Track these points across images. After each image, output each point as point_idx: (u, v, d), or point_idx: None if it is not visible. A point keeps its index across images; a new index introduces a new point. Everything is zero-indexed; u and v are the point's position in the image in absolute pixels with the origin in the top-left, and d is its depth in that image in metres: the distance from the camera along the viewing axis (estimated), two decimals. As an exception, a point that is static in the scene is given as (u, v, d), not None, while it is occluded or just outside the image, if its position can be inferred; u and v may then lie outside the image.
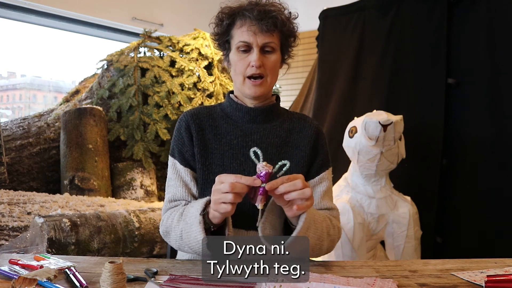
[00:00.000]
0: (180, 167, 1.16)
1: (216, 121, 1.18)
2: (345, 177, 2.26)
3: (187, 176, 1.15)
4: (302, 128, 1.20)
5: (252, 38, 1.10)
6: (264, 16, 1.09)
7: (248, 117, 1.17)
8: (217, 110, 1.21)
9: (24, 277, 0.79)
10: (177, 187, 1.15)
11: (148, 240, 2.13)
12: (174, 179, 1.16)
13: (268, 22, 1.09)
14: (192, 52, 3.16)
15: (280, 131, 1.18)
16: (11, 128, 2.86)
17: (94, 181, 2.70)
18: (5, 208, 2.13)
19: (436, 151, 2.32)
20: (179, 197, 1.14)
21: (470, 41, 2.30)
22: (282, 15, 1.12)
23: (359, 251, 2.01)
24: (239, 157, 1.14)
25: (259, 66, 1.11)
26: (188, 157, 1.16)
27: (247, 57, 1.12)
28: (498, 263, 1.07)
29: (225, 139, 1.15)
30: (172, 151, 1.19)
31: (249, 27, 1.10)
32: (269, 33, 1.10)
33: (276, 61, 1.14)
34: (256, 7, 1.11)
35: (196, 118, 1.17)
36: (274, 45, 1.12)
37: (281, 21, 1.11)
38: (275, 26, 1.10)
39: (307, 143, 1.18)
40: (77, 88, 3.41)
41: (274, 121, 1.19)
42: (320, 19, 3.02)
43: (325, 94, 2.89)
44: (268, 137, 1.17)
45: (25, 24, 3.48)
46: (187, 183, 1.15)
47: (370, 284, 0.87)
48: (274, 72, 1.15)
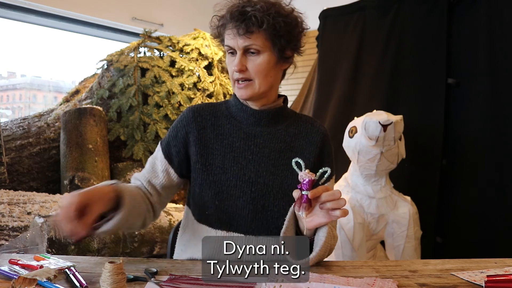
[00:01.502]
0: (160, 155, 1.17)
1: (219, 120, 1.15)
2: (345, 177, 2.26)
3: (161, 166, 1.15)
4: (308, 133, 1.16)
5: (233, 42, 1.07)
6: (240, 18, 1.04)
7: (253, 119, 1.14)
8: (222, 108, 1.19)
9: (24, 277, 0.79)
10: (145, 171, 1.17)
11: (148, 240, 2.14)
12: (149, 162, 1.18)
13: (246, 24, 1.04)
14: (192, 52, 3.16)
15: (285, 135, 1.15)
16: (11, 128, 2.86)
17: (94, 181, 2.70)
18: (5, 208, 2.13)
19: (436, 151, 2.32)
20: (140, 177, 1.16)
21: (470, 41, 2.30)
22: (261, 13, 1.03)
23: (359, 251, 2.01)
24: (240, 160, 1.11)
25: (240, 70, 1.07)
26: (173, 152, 1.15)
27: (234, 61, 1.09)
28: (498, 263, 1.07)
29: (227, 140, 1.13)
30: (163, 139, 1.19)
31: (231, 30, 1.07)
32: (246, 35, 1.05)
33: (263, 62, 1.07)
34: (236, 8, 1.06)
35: (198, 116, 1.15)
36: (257, 47, 1.06)
37: (259, 21, 1.03)
38: (254, 26, 1.04)
39: (312, 151, 1.15)
40: (77, 88, 3.41)
41: (279, 124, 1.16)
42: (320, 19, 3.02)
43: (325, 94, 2.89)
44: (271, 141, 1.14)
45: (25, 24, 3.47)
46: (156, 171, 1.15)
47: (370, 284, 0.87)
48: (262, 75, 1.08)
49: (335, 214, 0.93)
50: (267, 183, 1.11)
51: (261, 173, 1.11)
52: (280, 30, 1.06)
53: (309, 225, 0.97)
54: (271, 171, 1.11)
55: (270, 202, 1.10)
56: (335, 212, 0.93)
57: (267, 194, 1.10)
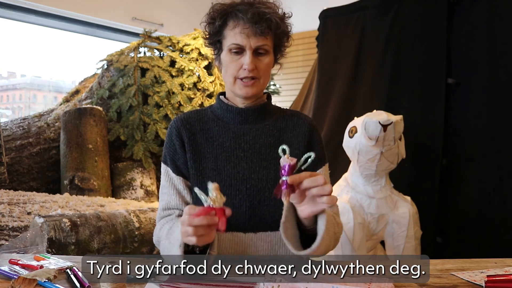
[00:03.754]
0: (173, 175, 1.15)
1: (207, 124, 1.16)
2: (345, 177, 2.26)
3: (180, 185, 1.14)
4: (295, 126, 1.18)
5: (245, 41, 1.08)
6: (258, 19, 1.06)
7: (240, 118, 1.16)
8: (207, 113, 1.20)
9: (24, 277, 0.79)
10: (171, 195, 1.14)
11: (148, 240, 2.14)
12: (167, 187, 1.15)
13: (262, 26, 1.06)
14: (192, 52, 3.16)
15: (273, 130, 1.17)
16: (11, 128, 2.86)
17: (94, 181, 2.70)
18: (5, 208, 2.13)
19: (436, 151, 2.31)
20: (173, 205, 1.14)
21: (470, 41, 2.30)
22: (277, 17, 1.09)
23: (359, 251, 2.01)
24: (232, 159, 1.12)
25: (252, 70, 1.09)
26: (180, 164, 1.14)
27: (239, 59, 1.09)
28: (498, 263, 1.07)
29: (217, 142, 1.14)
30: (165, 158, 1.17)
31: (243, 30, 1.07)
32: (263, 36, 1.08)
33: (269, 63, 1.12)
34: (250, 8, 1.07)
35: (186, 123, 1.16)
36: (268, 48, 1.10)
37: (276, 24, 1.08)
38: (269, 29, 1.08)
39: (301, 141, 1.17)
40: (77, 88, 3.41)
41: (266, 120, 1.18)
42: (320, 19, 3.02)
43: (325, 94, 2.89)
44: (261, 137, 1.15)
45: (25, 24, 3.48)
46: (180, 191, 1.14)
47: (367, 283, 0.87)
48: (267, 74, 1.14)
49: (322, 201, 0.91)
50: (261, 178, 1.12)
51: (254, 169, 1.12)
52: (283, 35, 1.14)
53: (302, 214, 0.96)
54: (263, 166, 1.13)
55: (266, 196, 1.11)
56: (321, 199, 0.91)
57: (262, 189, 1.11)
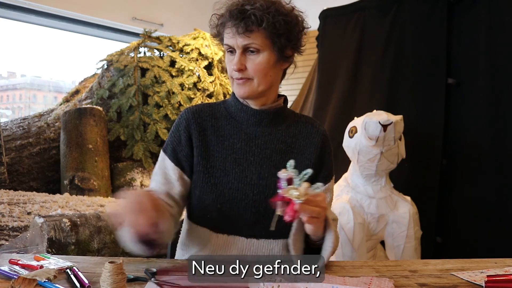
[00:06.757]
0: (169, 164, 1.11)
1: (219, 121, 1.13)
2: (345, 177, 2.26)
3: (174, 175, 1.10)
4: (308, 134, 1.15)
5: (232, 41, 1.05)
6: (239, 17, 1.03)
7: (253, 119, 1.12)
8: (220, 108, 1.16)
9: (24, 277, 0.79)
10: (159, 184, 1.11)
11: (148, 240, 2.13)
12: (159, 174, 1.12)
13: (246, 23, 1.02)
14: (192, 52, 3.16)
15: (285, 136, 1.13)
16: (11, 128, 2.86)
17: (94, 181, 2.70)
18: (5, 208, 2.13)
19: (436, 151, 2.31)
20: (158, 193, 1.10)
21: (470, 41, 2.30)
22: (260, 12, 1.02)
23: (359, 251, 2.01)
24: (241, 162, 1.10)
25: (239, 70, 1.06)
26: (181, 156, 1.11)
27: (233, 60, 1.07)
28: (498, 263, 1.07)
29: (228, 142, 1.11)
30: (166, 146, 1.14)
31: (230, 29, 1.05)
32: (246, 34, 1.03)
33: (262, 62, 1.06)
34: (236, 7, 1.04)
35: (198, 117, 1.12)
36: (257, 46, 1.04)
37: (259, 19, 1.01)
38: (255, 25, 1.02)
39: (313, 151, 1.14)
40: (77, 88, 3.42)
41: (280, 124, 1.14)
42: (320, 19, 3.02)
43: (325, 94, 2.89)
44: (272, 142, 1.12)
45: (25, 24, 3.47)
46: (171, 181, 1.10)
47: (367, 283, 0.87)
48: (262, 74, 1.06)
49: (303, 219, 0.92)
50: (269, 185, 1.09)
51: (262, 175, 1.10)
52: (280, 28, 1.04)
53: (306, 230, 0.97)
54: (272, 173, 1.08)
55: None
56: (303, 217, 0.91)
57: (269, 196, 1.07)
